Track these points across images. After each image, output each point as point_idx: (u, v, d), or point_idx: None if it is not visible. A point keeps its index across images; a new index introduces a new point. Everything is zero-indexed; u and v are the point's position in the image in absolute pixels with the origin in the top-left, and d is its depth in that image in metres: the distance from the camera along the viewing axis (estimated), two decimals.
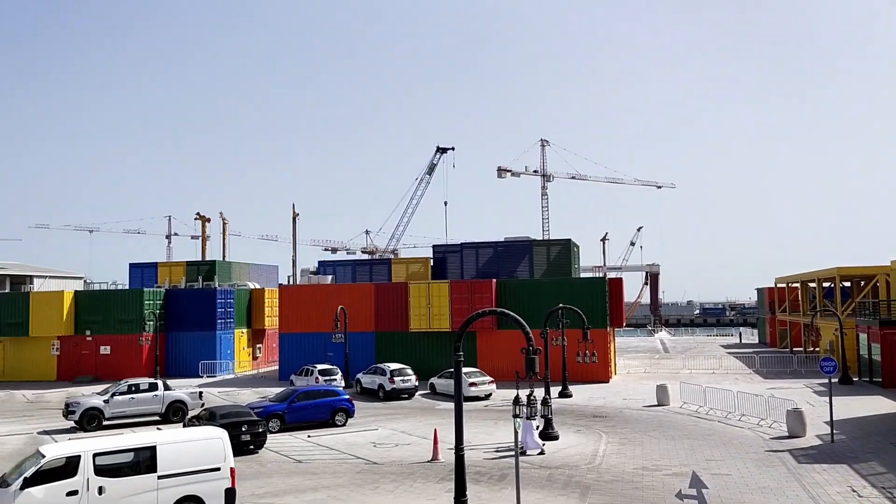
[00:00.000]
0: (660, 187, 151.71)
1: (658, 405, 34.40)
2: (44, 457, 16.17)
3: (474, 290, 45.76)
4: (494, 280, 46.97)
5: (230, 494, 17.44)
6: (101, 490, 16.13)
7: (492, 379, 38.93)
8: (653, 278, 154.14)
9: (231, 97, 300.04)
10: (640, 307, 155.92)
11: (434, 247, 58.90)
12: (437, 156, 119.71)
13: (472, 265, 54.71)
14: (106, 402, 31.65)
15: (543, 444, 24.96)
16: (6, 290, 59.33)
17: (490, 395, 38.03)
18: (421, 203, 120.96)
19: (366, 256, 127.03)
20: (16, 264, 71.10)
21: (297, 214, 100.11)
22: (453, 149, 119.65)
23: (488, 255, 54.81)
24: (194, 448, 17.52)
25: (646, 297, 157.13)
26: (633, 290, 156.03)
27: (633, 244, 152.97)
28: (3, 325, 51.46)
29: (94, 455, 16.43)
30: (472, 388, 37.13)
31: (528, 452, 24.24)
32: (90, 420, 31.00)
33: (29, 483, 15.59)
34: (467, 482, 16.15)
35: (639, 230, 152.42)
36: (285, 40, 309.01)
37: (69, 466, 16.18)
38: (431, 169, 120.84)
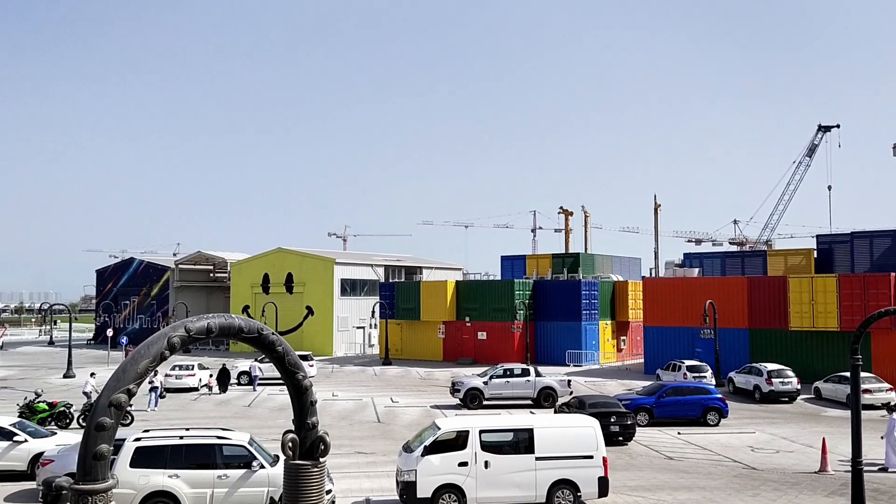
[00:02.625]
0: None
1: None
2: (439, 429, 18.03)
3: (868, 285, 40.34)
4: (894, 274, 40.85)
5: (603, 483, 17.66)
6: (486, 464, 17.47)
7: (890, 386, 34.04)
8: None
9: (584, 96, 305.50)
10: None
11: (818, 237, 53.41)
12: (819, 135, 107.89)
13: (864, 257, 48.29)
14: (485, 383, 34.35)
15: None
16: (402, 280, 67.86)
17: (889, 403, 33.19)
18: (799, 189, 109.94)
19: (734, 248, 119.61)
20: (409, 257, 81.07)
21: (659, 206, 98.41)
22: (838, 126, 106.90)
23: (885, 246, 47.87)
24: (568, 434, 18.09)
25: None
26: None
27: None
28: (400, 310, 58.96)
29: (481, 431, 17.86)
30: (867, 396, 32.78)
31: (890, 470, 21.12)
32: (472, 399, 33.91)
33: (428, 451, 17.50)
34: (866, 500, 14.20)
35: None
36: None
37: (459, 440, 17.80)
38: (812, 150, 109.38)
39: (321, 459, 6.08)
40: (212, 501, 16.92)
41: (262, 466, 17.36)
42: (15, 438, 20.83)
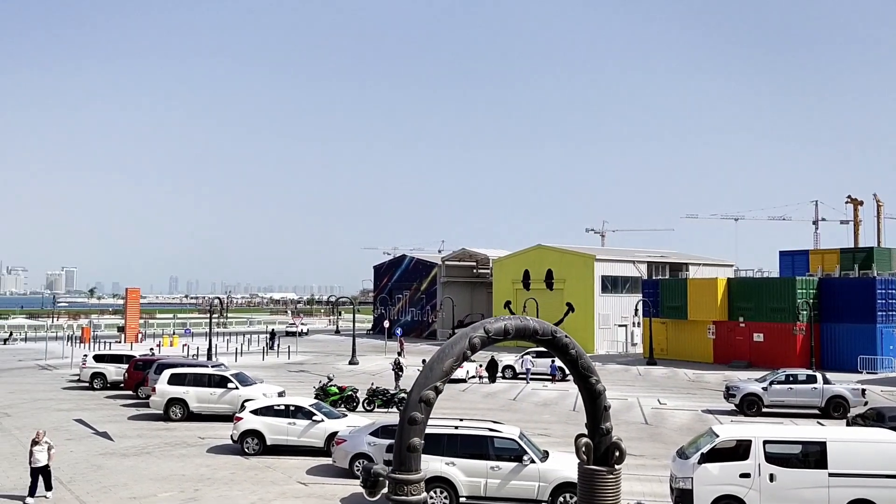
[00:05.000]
0: None
1: None
2: (717, 436, 16.96)
3: None
4: None
5: None
6: (771, 477, 16.11)
7: None
8: None
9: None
10: None
11: None
12: None
13: None
14: (764, 389, 31.84)
15: None
16: (666, 277, 65.37)
17: None
18: None
19: None
20: (673, 252, 77.82)
21: None
22: None
23: None
24: (867, 450, 16.12)
25: None
26: None
27: None
28: (665, 308, 56.81)
29: (765, 442, 16.51)
30: None
31: None
32: (749, 405, 31.60)
33: (705, 459, 16.52)
34: None
35: None
36: None
37: (740, 449, 16.61)
38: None
39: (616, 466, 5.92)
40: (485, 491, 17.52)
41: (533, 461, 17.61)
42: (314, 418, 23.26)
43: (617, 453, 5.95)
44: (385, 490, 5.14)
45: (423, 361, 43.15)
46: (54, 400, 34.38)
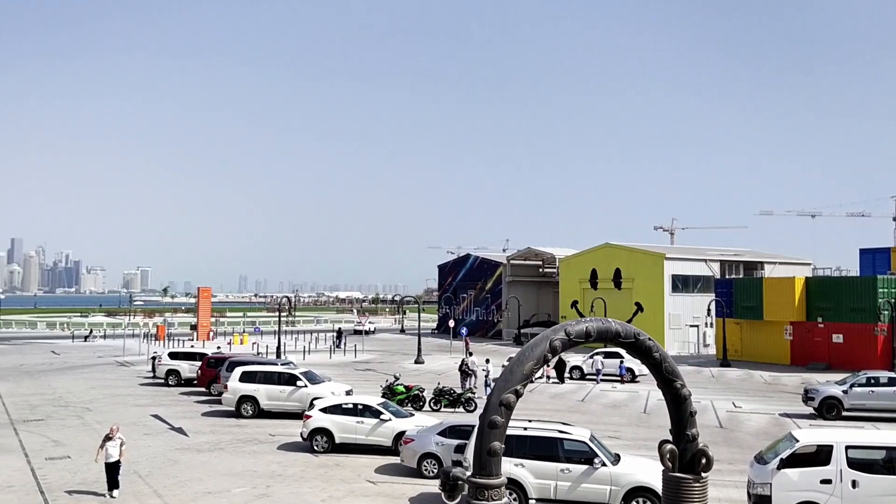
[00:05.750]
0: None
1: None
2: (797, 441, 16.33)
3: None
4: None
5: None
6: (854, 484, 15.43)
7: None
8: None
9: None
10: None
11: None
12: None
13: None
14: (845, 392, 30.56)
15: None
16: (740, 276, 63.53)
17: None
18: None
19: None
20: (747, 250, 75.54)
21: None
22: None
23: None
24: None
25: None
26: None
27: None
28: (739, 308, 55.16)
29: (847, 447, 15.83)
30: None
31: None
32: (829, 409, 30.37)
33: (784, 464, 15.93)
34: None
35: None
36: None
37: (821, 454, 15.95)
38: None
39: (703, 474, 5.67)
40: (555, 494, 17.24)
41: (604, 464, 17.26)
42: (382, 417, 23.36)
43: (704, 460, 5.69)
44: (464, 493, 5.03)
45: (507, 360, 42.94)
46: (132, 396, 35.55)
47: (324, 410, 23.69)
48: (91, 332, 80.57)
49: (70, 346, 67.38)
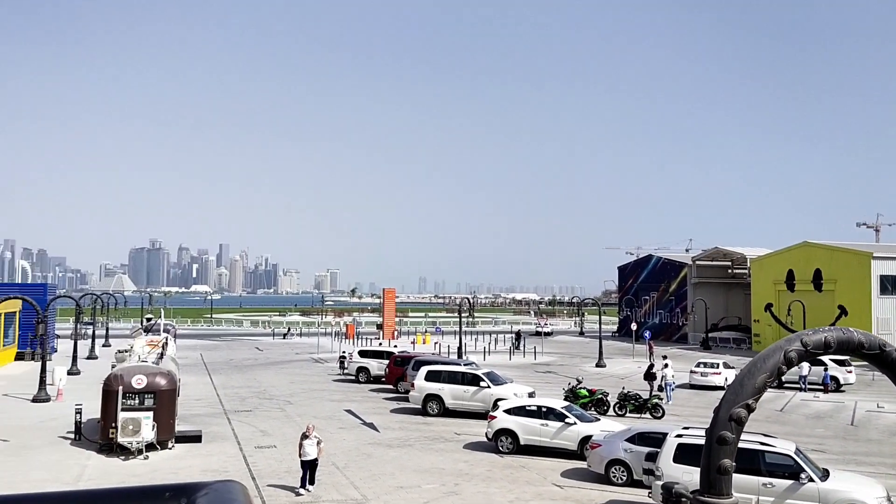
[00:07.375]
0: None
1: None
2: None
3: None
4: None
5: None
6: None
7: None
8: None
9: None
10: None
11: None
12: None
13: None
14: None
15: None
16: None
17: None
18: None
19: None
20: None
21: None
22: None
23: None
24: None
25: None
26: None
27: None
28: None
29: None
30: None
31: None
32: None
33: None
34: None
35: None
36: None
37: None
38: None
39: None
40: None
41: (812, 480, 15.96)
42: (566, 420, 23.08)
43: None
44: None
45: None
46: (326, 391, 37.68)
47: (508, 412, 23.78)
48: (289, 329, 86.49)
49: (271, 342, 72.72)
